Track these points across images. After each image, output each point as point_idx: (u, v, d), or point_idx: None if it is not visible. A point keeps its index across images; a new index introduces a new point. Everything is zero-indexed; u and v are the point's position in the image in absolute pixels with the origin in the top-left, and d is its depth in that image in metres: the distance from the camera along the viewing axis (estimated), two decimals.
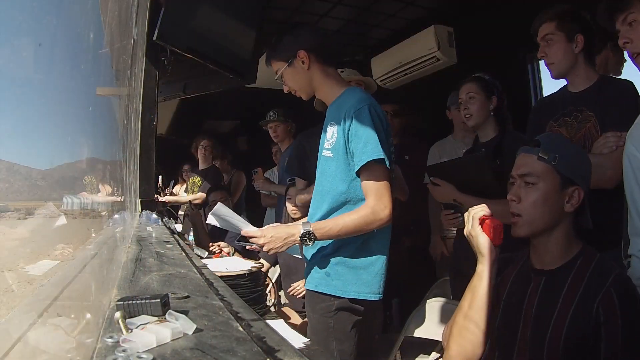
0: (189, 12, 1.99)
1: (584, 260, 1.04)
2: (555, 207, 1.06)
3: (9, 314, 0.49)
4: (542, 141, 1.10)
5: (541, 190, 1.06)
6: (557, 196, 1.06)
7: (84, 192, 0.70)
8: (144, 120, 1.78)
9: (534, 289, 1.07)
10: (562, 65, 1.51)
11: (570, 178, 1.06)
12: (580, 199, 1.06)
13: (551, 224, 1.06)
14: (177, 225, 2.47)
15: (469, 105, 1.93)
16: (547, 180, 1.06)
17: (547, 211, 1.06)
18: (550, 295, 1.03)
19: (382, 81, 3.64)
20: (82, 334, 0.47)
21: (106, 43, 0.82)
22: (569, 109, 1.51)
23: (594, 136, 1.43)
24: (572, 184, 1.06)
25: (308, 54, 1.46)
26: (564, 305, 0.99)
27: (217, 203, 1.64)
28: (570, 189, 1.06)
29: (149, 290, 0.67)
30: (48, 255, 0.60)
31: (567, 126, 1.51)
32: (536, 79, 3.05)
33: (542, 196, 1.06)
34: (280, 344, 0.46)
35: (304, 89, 1.51)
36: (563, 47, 1.49)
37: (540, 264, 1.09)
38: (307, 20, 3.43)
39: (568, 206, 1.06)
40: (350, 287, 1.42)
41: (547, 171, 1.06)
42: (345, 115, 1.39)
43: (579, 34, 1.47)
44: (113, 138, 0.92)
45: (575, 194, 1.06)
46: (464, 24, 3.20)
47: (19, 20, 0.53)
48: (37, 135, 0.58)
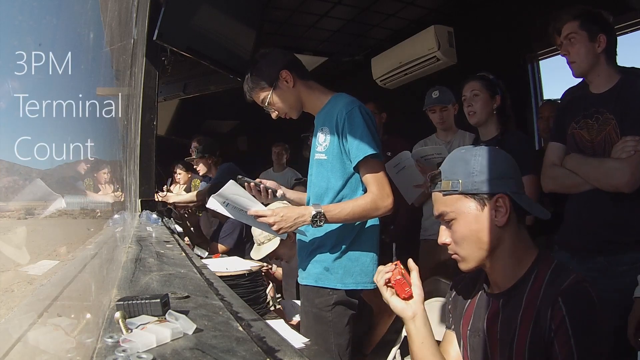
0: (189, 12, 1.99)
1: (539, 271, 0.93)
2: (486, 230, 0.94)
3: (9, 314, 0.49)
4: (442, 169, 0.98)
5: (461, 222, 0.95)
6: (481, 218, 0.93)
7: (84, 191, 0.70)
8: (144, 120, 1.78)
9: (493, 312, 0.97)
10: (584, 64, 1.50)
11: (485, 192, 0.93)
12: (508, 205, 0.93)
13: (489, 248, 0.95)
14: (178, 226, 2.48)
15: (472, 103, 1.94)
16: (463, 209, 0.94)
17: (479, 239, 0.94)
18: (509, 317, 0.94)
19: (382, 81, 3.65)
20: (82, 334, 0.47)
21: (106, 43, 0.82)
22: (591, 110, 1.50)
23: (614, 139, 1.42)
24: (491, 196, 0.93)
25: (290, 73, 1.52)
26: (523, 327, 0.90)
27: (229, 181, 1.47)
28: (492, 202, 0.93)
29: (149, 290, 0.67)
30: (48, 256, 0.60)
31: (588, 128, 1.50)
32: (536, 79, 3.05)
33: (465, 228, 0.94)
34: (280, 344, 0.46)
35: (294, 107, 1.56)
36: (585, 46, 1.48)
37: (496, 286, 0.99)
38: (307, 20, 3.43)
39: (497, 220, 0.93)
40: (348, 279, 1.49)
41: (457, 201, 0.95)
42: (337, 119, 1.46)
43: (601, 34, 1.47)
44: (113, 138, 0.92)
45: (499, 202, 0.93)
46: (464, 24, 3.20)
47: (19, 20, 0.53)
48: (37, 135, 0.58)
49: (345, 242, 1.50)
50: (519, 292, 0.93)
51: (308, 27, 3.55)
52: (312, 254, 1.53)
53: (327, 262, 1.49)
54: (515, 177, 0.97)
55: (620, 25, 2.39)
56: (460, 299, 1.08)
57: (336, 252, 1.50)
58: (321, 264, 1.50)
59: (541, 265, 0.94)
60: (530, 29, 2.72)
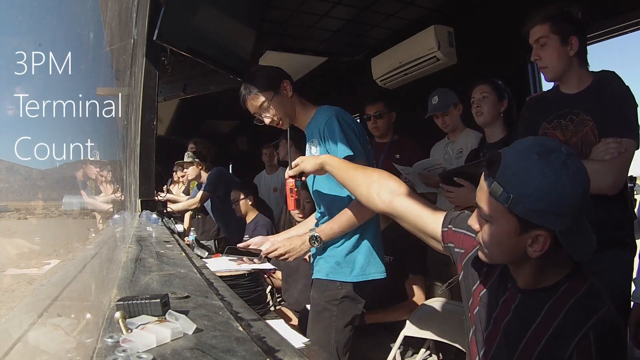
0: (189, 12, 1.99)
1: (569, 287, 0.87)
2: (515, 250, 0.87)
3: (9, 314, 0.49)
4: (503, 162, 0.84)
5: (495, 229, 0.87)
6: (514, 240, 0.85)
7: (84, 191, 0.70)
8: (144, 120, 1.78)
9: (507, 302, 0.93)
10: (557, 69, 1.47)
11: (530, 221, 0.82)
12: (547, 245, 0.83)
13: (515, 261, 0.90)
14: (178, 226, 2.47)
15: (481, 104, 2.00)
16: (501, 221, 0.85)
17: (505, 252, 0.88)
18: (523, 318, 0.90)
19: (382, 81, 3.64)
20: (82, 334, 0.47)
21: (106, 43, 0.82)
22: (564, 111, 1.47)
23: (592, 141, 1.40)
24: (535, 228, 0.82)
25: (290, 84, 1.63)
26: (537, 335, 0.86)
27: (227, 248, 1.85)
28: (532, 233, 0.83)
29: (149, 290, 0.67)
30: (48, 256, 0.59)
31: (562, 129, 1.47)
32: (536, 79, 3.04)
33: (495, 237, 0.87)
34: (280, 344, 0.46)
35: (289, 115, 1.65)
36: (557, 50, 1.44)
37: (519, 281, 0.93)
38: (307, 20, 3.43)
39: (531, 251, 0.84)
40: (357, 272, 1.57)
41: (501, 211, 0.85)
42: (319, 130, 1.57)
43: (573, 36, 1.43)
44: (113, 138, 0.92)
45: (539, 239, 0.83)
46: (464, 24, 3.20)
47: (19, 20, 0.53)
48: (37, 135, 0.58)
49: (355, 236, 1.59)
50: (542, 299, 0.88)
51: (308, 27, 3.55)
52: (325, 250, 1.62)
53: (339, 257, 1.58)
54: (578, 213, 0.83)
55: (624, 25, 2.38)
56: (479, 265, 1.01)
57: (347, 247, 1.58)
58: (333, 259, 1.59)
59: (573, 281, 0.88)
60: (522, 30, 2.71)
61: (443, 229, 1.07)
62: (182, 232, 2.70)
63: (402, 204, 1.11)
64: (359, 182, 1.21)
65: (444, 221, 1.07)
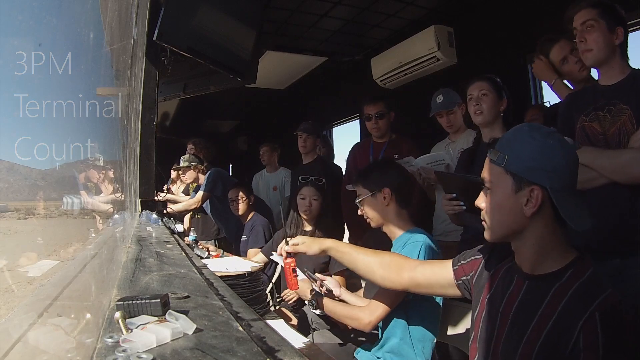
0: (189, 12, 1.99)
1: (574, 272, 0.92)
2: (513, 212, 0.95)
3: (9, 314, 0.49)
4: (502, 137, 1.00)
5: (495, 195, 0.98)
6: (512, 200, 0.95)
7: (84, 191, 0.70)
8: (144, 120, 1.78)
9: (514, 292, 0.99)
10: (601, 53, 1.46)
11: (524, 177, 0.93)
12: (539, 200, 0.92)
13: (513, 229, 0.97)
14: (178, 226, 2.48)
15: (480, 102, 1.92)
16: (500, 183, 0.96)
17: (503, 218, 0.97)
18: (530, 303, 0.94)
19: (382, 81, 3.64)
20: (82, 334, 0.47)
21: (106, 43, 0.82)
22: (601, 102, 1.46)
23: (629, 130, 1.38)
24: (529, 184, 0.92)
25: (391, 193, 1.63)
26: (543, 318, 0.90)
27: None
28: (526, 190, 0.93)
29: (149, 290, 0.67)
30: (48, 256, 0.59)
31: (600, 120, 1.46)
32: (536, 79, 3.04)
33: (496, 202, 0.97)
34: (280, 344, 0.46)
35: (376, 219, 1.68)
36: (604, 35, 1.45)
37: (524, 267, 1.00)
38: (307, 20, 3.43)
39: (526, 209, 0.93)
40: None
41: (499, 174, 0.97)
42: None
43: (619, 26, 1.44)
44: (113, 138, 0.92)
45: (533, 194, 0.92)
46: (464, 24, 3.20)
47: (19, 20, 0.53)
48: (37, 135, 0.58)
49: None
50: (548, 284, 0.93)
51: (308, 27, 3.55)
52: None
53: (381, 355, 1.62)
54: (568, 176, 0.94)
55: None
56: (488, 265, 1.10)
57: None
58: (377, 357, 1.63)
59: (578, 267, 0.93)
60: (531, 29, 2.71)
61: (454, 268, 1.17)
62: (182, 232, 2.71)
63: (422, 272, 1.22)
64: (373, 269, 1.29)
65: (453, 263, 1.18)
